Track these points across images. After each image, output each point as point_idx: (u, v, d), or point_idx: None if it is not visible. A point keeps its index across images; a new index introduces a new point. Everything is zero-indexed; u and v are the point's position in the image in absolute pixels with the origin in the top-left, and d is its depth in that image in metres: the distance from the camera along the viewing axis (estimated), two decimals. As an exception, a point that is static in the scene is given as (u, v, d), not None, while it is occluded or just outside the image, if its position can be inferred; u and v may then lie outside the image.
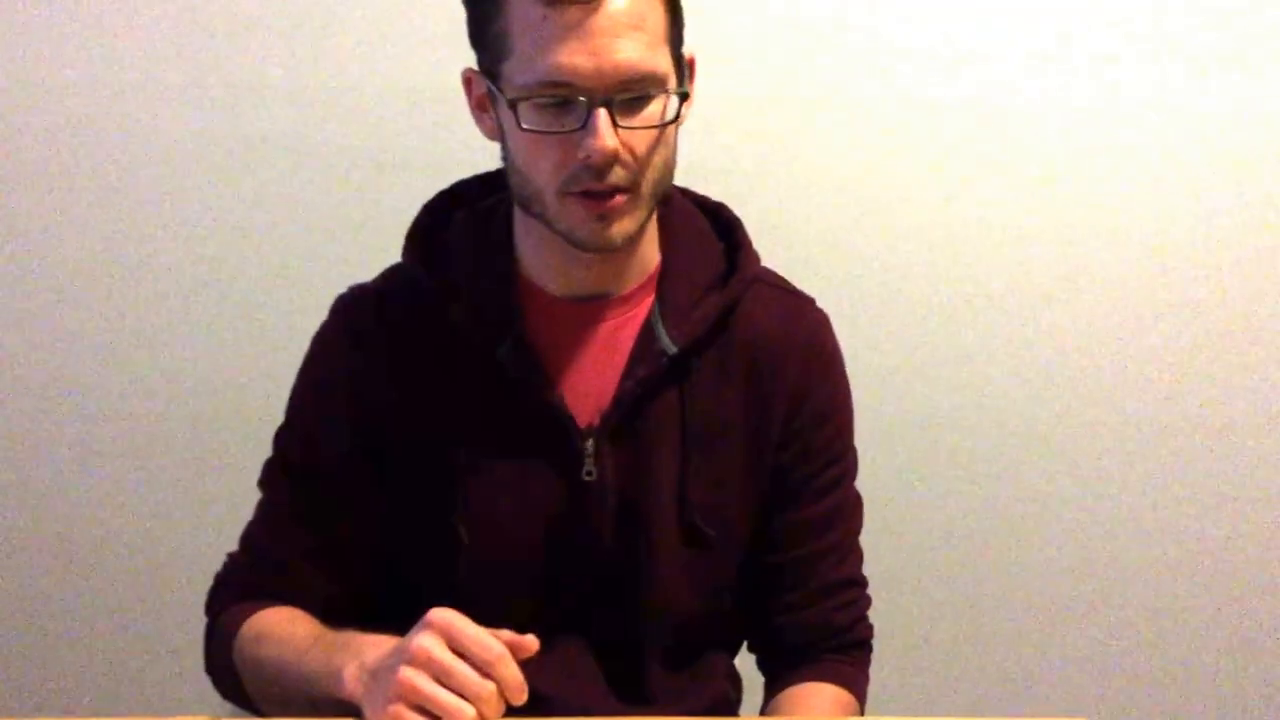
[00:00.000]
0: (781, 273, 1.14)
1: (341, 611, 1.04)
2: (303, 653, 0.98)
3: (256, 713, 1.07)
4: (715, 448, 1.05)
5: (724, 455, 1.05)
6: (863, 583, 1.14)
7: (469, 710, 0.83)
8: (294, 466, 1.08)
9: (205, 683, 1.11)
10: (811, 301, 1.13)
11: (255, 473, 1.11)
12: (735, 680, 1.16)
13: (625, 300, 1.05)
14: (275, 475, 1.09)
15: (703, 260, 1.07)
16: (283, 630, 1.03)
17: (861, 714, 1.10)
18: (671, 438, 1.04)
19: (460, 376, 1.03)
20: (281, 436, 1.10)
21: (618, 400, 1.02)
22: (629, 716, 0.95)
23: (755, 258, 1.10)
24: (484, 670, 0.84)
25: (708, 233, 1.10)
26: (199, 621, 1.11)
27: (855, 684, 1.10)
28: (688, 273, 1.06)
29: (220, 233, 1.63)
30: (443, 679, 0.84)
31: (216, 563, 1.12)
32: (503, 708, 0.85)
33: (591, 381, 1.04)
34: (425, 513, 1.04)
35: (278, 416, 1.11)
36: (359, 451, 1.05)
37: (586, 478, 1.02)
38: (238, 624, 1.05)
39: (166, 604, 1.70)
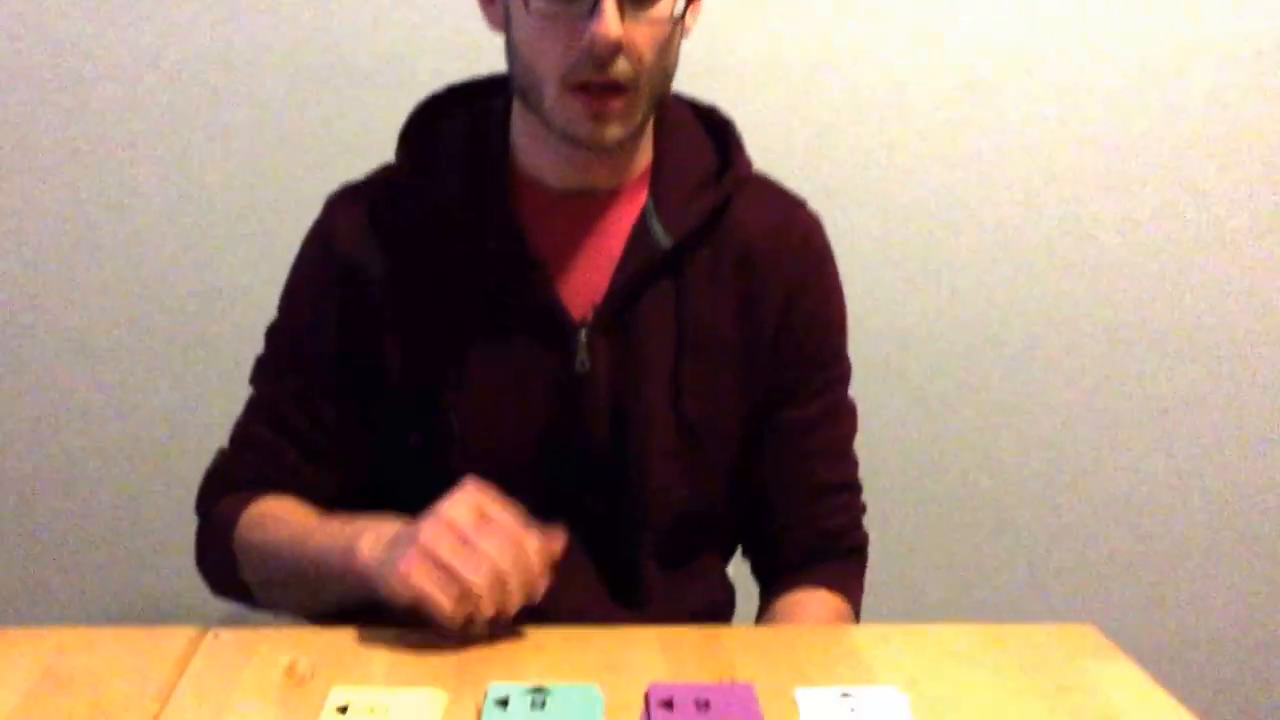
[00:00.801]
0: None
1: (335, 508, 1.03)
2: (310, 533, 0.98)
3: (253, 604, 1.06)
4: (708, 347, 1.05)
5: (717, 355, 1.05)
6: (857, 488, 1.14)
7: (481, 579, 0.83)
8: (286, 361, 1.07)
9: (191, 594, 1.10)
10: (804, 204, 1.13)
11: (243, 371, 1.10)
12: (729, 587, 1.16)
13: (619, 196, 1.05)
14: (267, 370, 1.09)
15: (696, 158, 1.07)
16: (287, 513, 1.02)
17: (857, 621, 1.10)
18: (666, 335, 1.03)
19: (453, 269, 1.03)
20: (274, 332, 1.10)
21: (611, 293, 1.02)
22: (624, 624, 0.94)
23: (748, 159, 1.09)
24: (507, 547, 0.85)
25: (700, 132, 1.10)
26: (185, 527, 1.10)
27: (850, 591, 1.10)
28: (682, 169, 1.06)
29: (213, 136, 1.61)
30: (465, 543, 0.84)
31: (202, 466, 1.11)
32: (519, 597, 0.85)
33: (585, 275, 1.03)
34: (416, 406, 1.03)
35: (268, 314, 1.10)
36: (351, 345, 1.05)
37: (580, 369, 1.02)
38: (238, 511, 1.04)
39: (153, 512, 1.70)
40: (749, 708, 0.80)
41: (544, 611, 0.98)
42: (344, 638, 0.90)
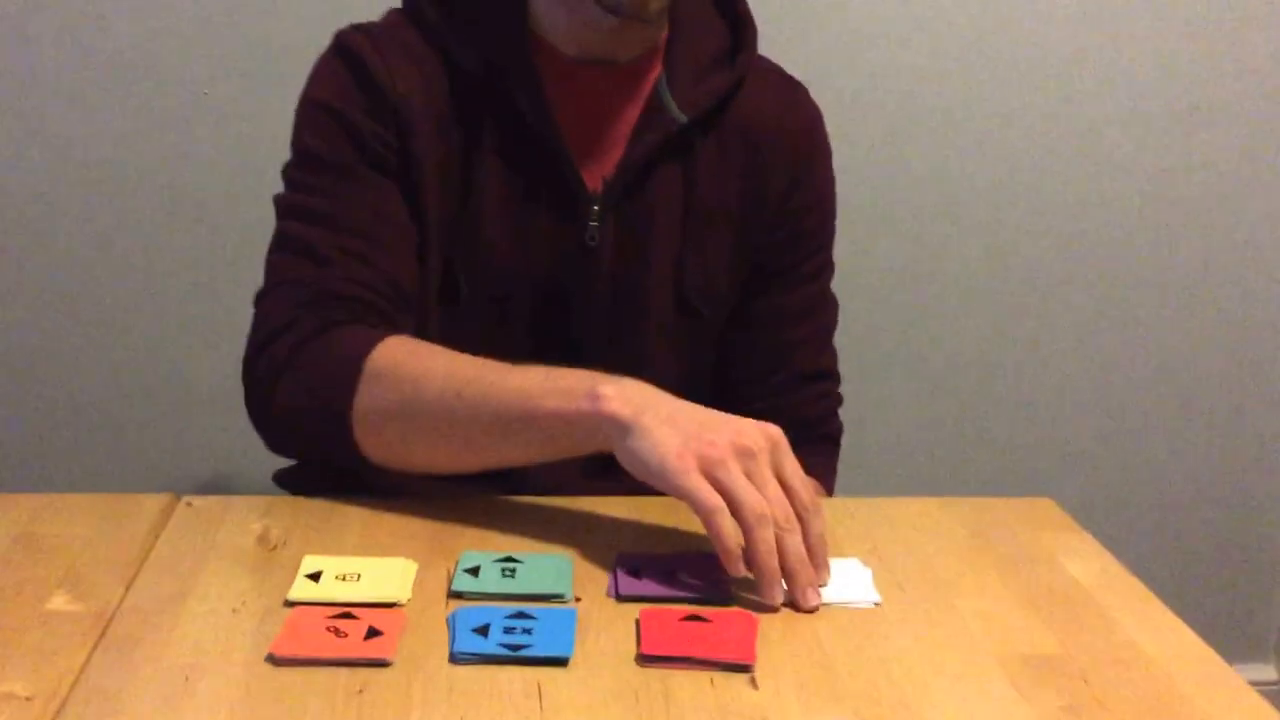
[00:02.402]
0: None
1: None
2: (503, 367, 0.87)
3: (328, 457, 0.93)
4: (712, 226, 1.05)
5: (719, 234, 1.05)
6: (836, 377, 1.15)
7: (766, 508, 0.77)
8: (315, 188, 0.98)
9: (163, 463, 1.09)
10: (807, 91, 1.12)
11: (227, 229, 1.05)
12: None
13: (632, 68, 1.03)
14: (293, 207, 0.99)
15: (708, 35, 1.06)
16: (440, 349, 0.91)
17: None
18: (673, 212, 1.03)
19: (464, 120, 1.00)
20: (294, 166, 1.01)
21: (624, 165, 1.01)
22: (602, 495, 0.95)
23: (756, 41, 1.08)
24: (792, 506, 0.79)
25: (712, 9, 1.09)
26: (162, 395, 1.08)
27: (823, 478, 1.11)
28: (695, 45, 1.05)
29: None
30: (751, 476, 0.79)
31: (182, 331, 1.07)
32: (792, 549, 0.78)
33: (596, 146, 1.02)
34: (424, 261, 1.00)
35: (254, 167, 1.07)
36: (384, 148, 0.98)
37: (590, 243, 1.01)
38: (367, 344, 0.89)
39: (130, 379, 1.66)
40: (716, 577, 0.81)
41: (519, 484, 0.97)
42: (316, 507, 0.90)
